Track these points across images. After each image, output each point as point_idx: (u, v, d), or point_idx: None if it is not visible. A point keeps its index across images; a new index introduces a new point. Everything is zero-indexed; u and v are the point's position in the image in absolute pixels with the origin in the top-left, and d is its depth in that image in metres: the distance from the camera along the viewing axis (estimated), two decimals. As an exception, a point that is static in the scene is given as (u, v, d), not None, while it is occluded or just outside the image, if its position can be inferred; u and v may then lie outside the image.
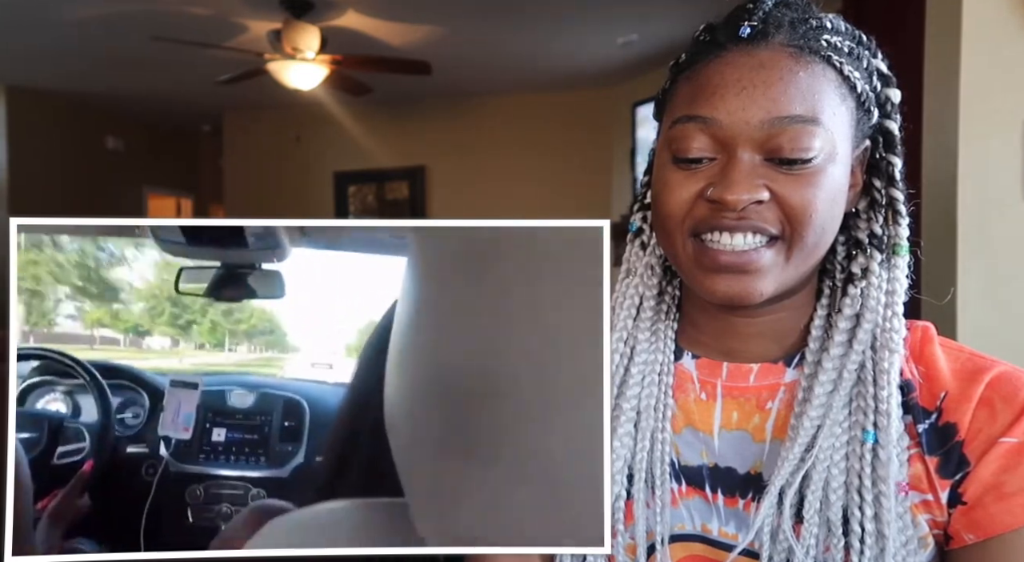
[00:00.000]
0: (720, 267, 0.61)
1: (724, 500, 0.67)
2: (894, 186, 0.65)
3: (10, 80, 5.41)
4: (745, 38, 0.61)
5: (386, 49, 4.52)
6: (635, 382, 0.69)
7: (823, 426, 0.63)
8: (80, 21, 4.08)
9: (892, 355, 0.62)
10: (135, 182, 6.83)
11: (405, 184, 6.27)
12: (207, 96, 5.67)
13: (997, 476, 0.60)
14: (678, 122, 0.62)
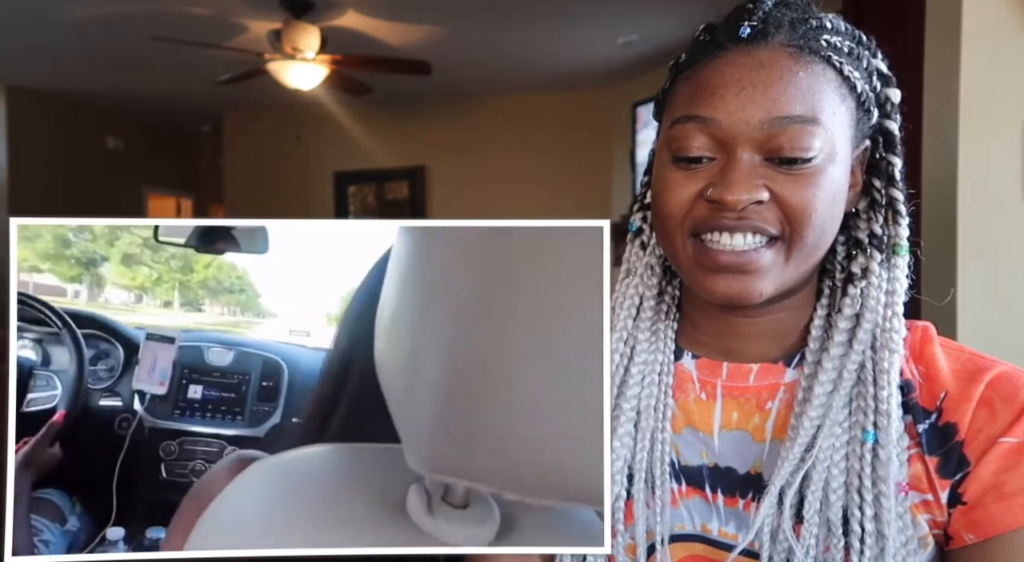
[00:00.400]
0: (720, 267, 0.61)
1: (724, 500, 0.67)
2: (894, 186, 0.65)
3: (10, 80, 5.41)
4: (745, 38, 0.61)
5: (386, 49, 4.52)
6: (635, 382, 0.69)
7: (823, 426, 0.63)
8: (80, 21, 4.08)
9: (892, 355, 0.62)
10: (135, 182, 6.83)
11: (405, 184, 6.27)
12: (207, 96, 5.67)
13: (997, 476, 0.60)
14: (678, 122, 0.62)
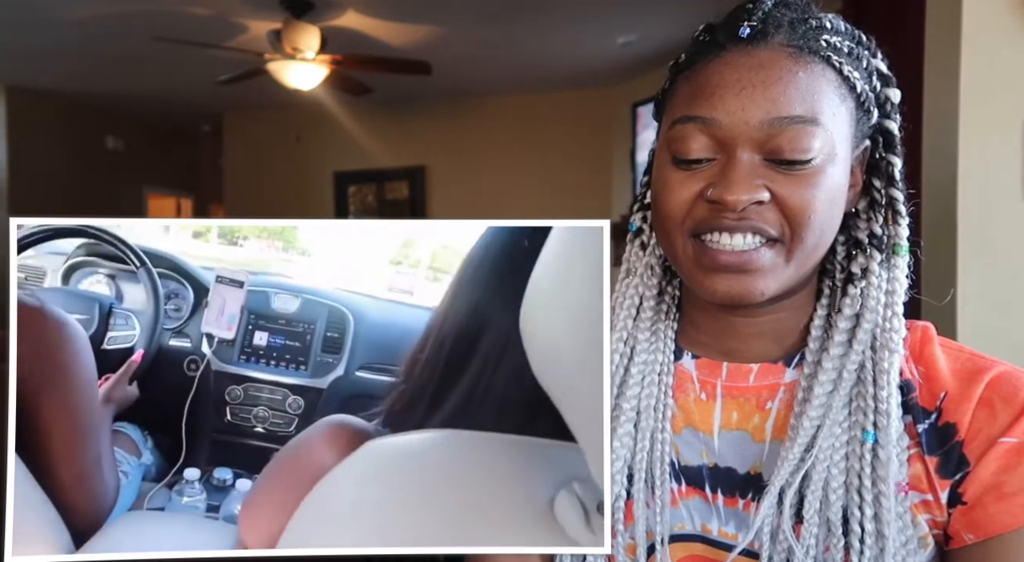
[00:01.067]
0: (720, 267, 0.61)
1: (724, 500, 0.67)
2: (894, 186, 0.65)
3: (10, 80, 5.41)
4: (744, 38, 0.61)
5: (386, 49, 4.52)
6: (635, 382, 0.69)
7: (823, 426, 0.63)
8: (80, 21, 4.08)
9: (892, 355, 0.62)
10: (135, 182, 6.83)
11: (405, 184, 6.26)
12: (207, 96, 5.66)
13: (997, 476, 0.60)
14: (678, 122, 0.62)
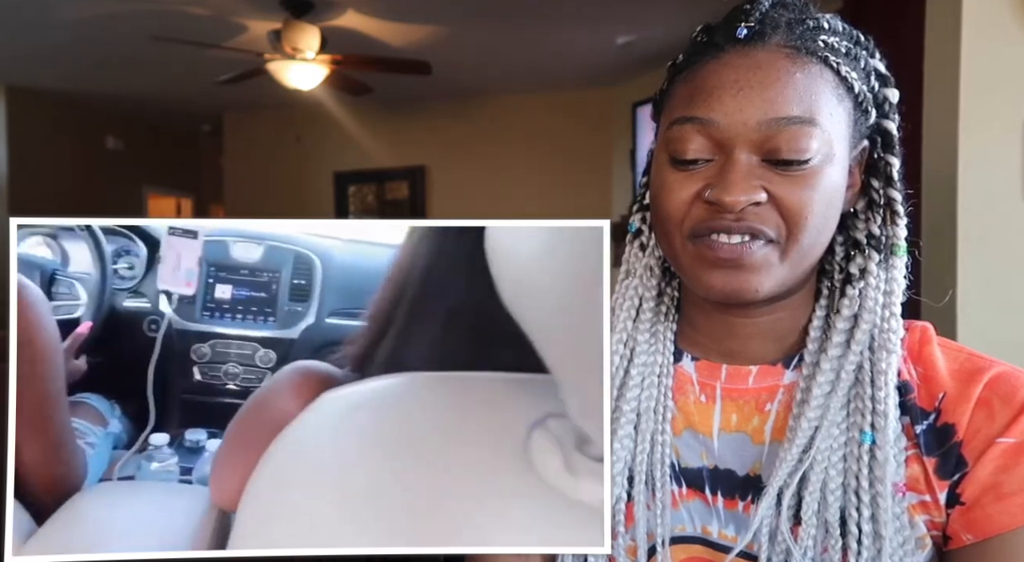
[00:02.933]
0: (718, 261, 0.61)
1: (724, 502, 0.67)
2: (892, 186, 0.65)
3: (10, 80, 5.41)
4: (742, 39, 0.61)
5: (386, 49, 4.52)
6: (635, 384, 0.69)
7: (821, 427, 0.62)
8: (80, 21, 4.08)
9: (890, 356, 0.62)
10: (135, 182, 6.83)
11: (405, 184, 6.26)
12: (207, 96, 5.66)
13: (995, 476, 0.60)
14: (676, 123, 0.62)
